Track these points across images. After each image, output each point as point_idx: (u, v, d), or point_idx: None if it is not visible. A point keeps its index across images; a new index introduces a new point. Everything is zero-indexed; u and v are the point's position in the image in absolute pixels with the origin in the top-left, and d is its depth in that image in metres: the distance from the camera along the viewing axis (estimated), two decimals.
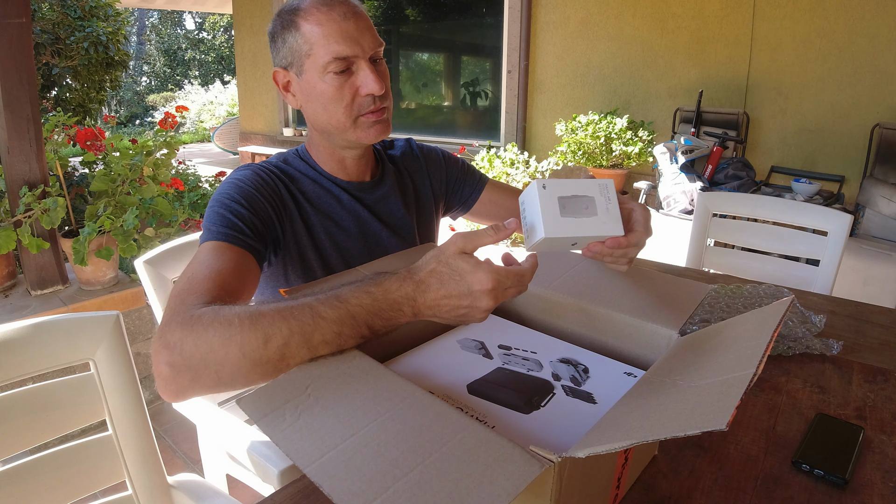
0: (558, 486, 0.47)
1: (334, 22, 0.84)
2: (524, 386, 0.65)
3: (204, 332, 0.60)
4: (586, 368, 0.69)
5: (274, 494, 0.67)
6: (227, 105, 11.38)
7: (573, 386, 0.65)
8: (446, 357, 0.71)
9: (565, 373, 0.68)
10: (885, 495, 0.66)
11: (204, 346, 0.60)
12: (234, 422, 1.01)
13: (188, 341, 0.60)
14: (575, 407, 0.61)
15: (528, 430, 0.58)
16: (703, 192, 1.73)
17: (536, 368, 0.69)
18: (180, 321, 0.62)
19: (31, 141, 1.89)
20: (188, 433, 1.97)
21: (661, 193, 3.10)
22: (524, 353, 0.73)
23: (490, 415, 0.60)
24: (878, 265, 2.36)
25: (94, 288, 2.07)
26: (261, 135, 6.73)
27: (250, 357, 0.59)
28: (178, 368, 0.60)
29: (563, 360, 0.71)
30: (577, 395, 0.64)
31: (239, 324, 0.60)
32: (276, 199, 0.89)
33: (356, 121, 0.89)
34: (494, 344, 0.74)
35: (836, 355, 1.00)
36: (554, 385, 0.66)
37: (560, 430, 0.57)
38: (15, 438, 0.76)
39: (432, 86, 5.79)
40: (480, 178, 1.18)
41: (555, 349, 0.74)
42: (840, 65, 3.14)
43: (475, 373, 0.68)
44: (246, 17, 6.44)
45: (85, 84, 6.23)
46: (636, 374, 0.68)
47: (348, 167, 0.98)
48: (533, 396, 0.63)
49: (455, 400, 0.62)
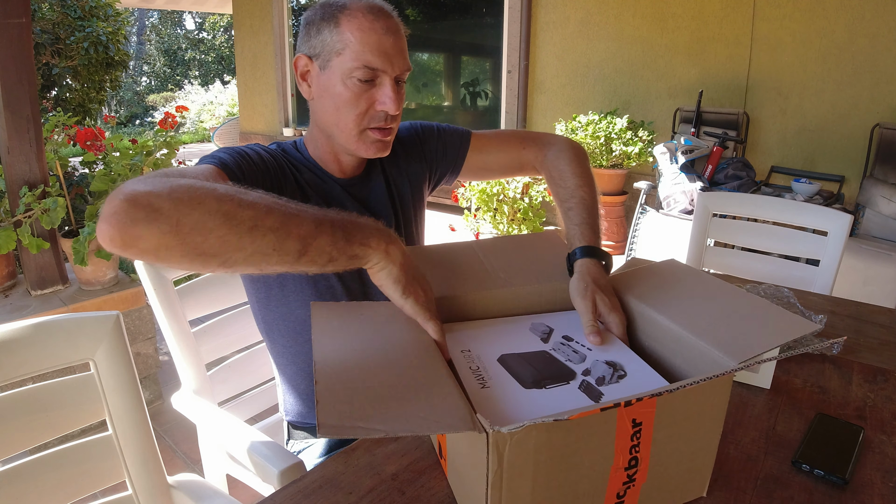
0: (497, 461, 0.49)
1: (375, 32, 0.84)
2: (547, 368, 0.65)
3: (174, 183, 0.56)
4: (624, 375, 0.66)
5: (274, 494, 0.67)
6: (227, 105, 11.38)
7: (594, 384, 0.64)
8: (509, 332, 0.74)
9: (599, 371, 0.66)
10: (885, 495, 0.66)
11: (174, 192, 0.55)
12: (234, 422, 1.01)
13: (156, 182, 0.55)
14: (574, 400, 0.61)
15: (509, 401, 0.59)
16: (703, 192, 1.73)
17: (576, 360, 0.68)
18: (149, 175, 0.59)
19: (31, 141, 1.89)
20: (188, 433, 1.97)
21: (661, 193, 3.10)
22: (579, 346, 0.71)
23: (493, 378, 0.62)
24: (878, 265, 2.36)
25: (94, 288, 2.07)
26: (261, 135, 6.72)
27: (221, 214, 0.55)
28: (131, 203, 0.53)
29: (609, 363, 0.68)
30: (589, 391, 0.62)
31: (222, 189, 0.58)
32: (278, 166, 0.91)
33: (363, 132, 0.90)
34: (561, 333, 0.74)
35: (836, 355, 1.00)
36: (576, 377, 0.64)
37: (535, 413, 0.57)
38: (15, 438, 0.76)
39: (432, 86, 5.79)
40: (463, 134, 1.11)
41: (613, 352, 0.70)
42: (840, 65, 3.14)
43: (519, 349, 0.70)
44: (246, 17, 6.43)
45: (85, 84, 6.23)
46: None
47: (344, 165, 0.99)
48: (546, 378, 0.63)
49: (482, 363, 0.65)
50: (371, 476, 0.69)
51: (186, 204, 0.54)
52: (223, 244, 0.55)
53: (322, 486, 0.68)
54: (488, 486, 0.51)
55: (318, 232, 0.60)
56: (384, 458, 0.73)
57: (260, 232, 0.57)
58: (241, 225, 0.56)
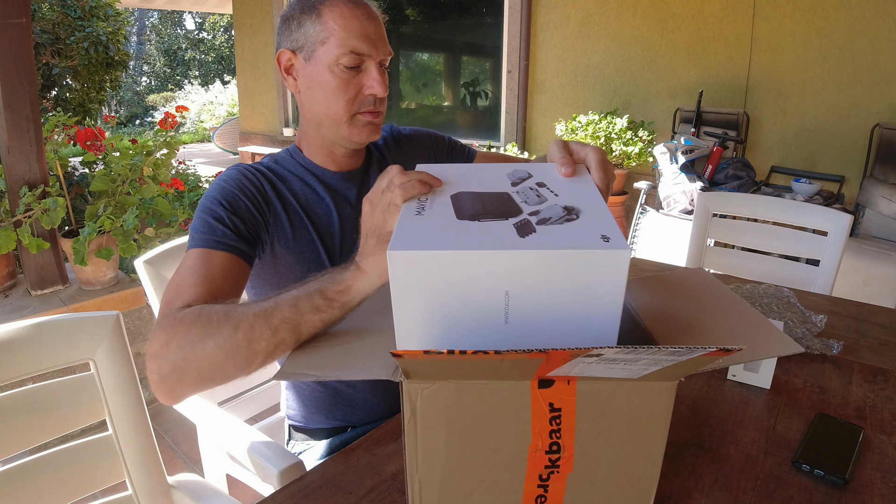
0: (410, 410, 0.51)
1: (357, 19, 0.86)
2: (494, 206, 0.57)
3: (186, 332, 0.65)
4: (574, 220, 0.53)
5: (274, 494, 0.67)
6: (227, 105, 11.38)
7: (533, 224, 0.53)
8: (485, 174, 0.65)
9: (548, 213, 0.55)
10: (885, 495, 0.66)
11: (186, 346, 0.64)
12: (234, 422, 1.01)
13: (172, 344, 0.65)
14: (501, 234, 0.51)
15: (433, 229, 0.52)
16: (703, 192, 1.73)
17: (533, 202, 0.57)
18: (164, 325, 0.67)
19: (31, 141, 1.89)
20: (188, 433, 1.97)
21: (661, 193, 3.10)
22: (546, 191, 0.60)
23: (432, 209, 0.56)
24: (878, 265, 2.36)
25: (94, 288, 2.07)
26: (261, 135, 6.72)
27: (223, 348, 0.63)
28: (163, 373, 0.65)
29: (566, 207, 0.56)
30: (521, 229, 0.52)
31: (217, 320, 0.65)
32: (260, 197, 0.90)
33: (353, 117, 0.90)
34: (537, 180, 0.63)
35: (836, 355, 1.00)
36: (520, 215, 0.55)
37: (453, 239, 0.50)
38: (15, 438, 0.76)
39: (432, 86, 5.79)
40: (469, 152, 1.18)
41: (581, 201, 0.57)
42: (840, 65, 3.14)
43: (481, 188, 0.61)
44: (246, 17, 6.43)
45: (85, 84, 6.23)
46: (611, 239, 0.50)
47: (338, 158, 0.98)
48: (485, 214, 0.55)
49: (434, 196, 0.59)
50: (371, 476, 0.69)
51: (198, 354, 0.64)
52: (236, 369, 0.65)
53: (322, 486, 0.68)
54: (404, 433, 0.53)
55: (296, 305, 0.64)
56: (384, 458, 0.73)
57: (257, 343, 0.64)
58: (240, 351, 0.64)
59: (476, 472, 0.55)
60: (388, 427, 0.79)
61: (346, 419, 1.03)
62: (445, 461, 0.54)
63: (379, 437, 0.77)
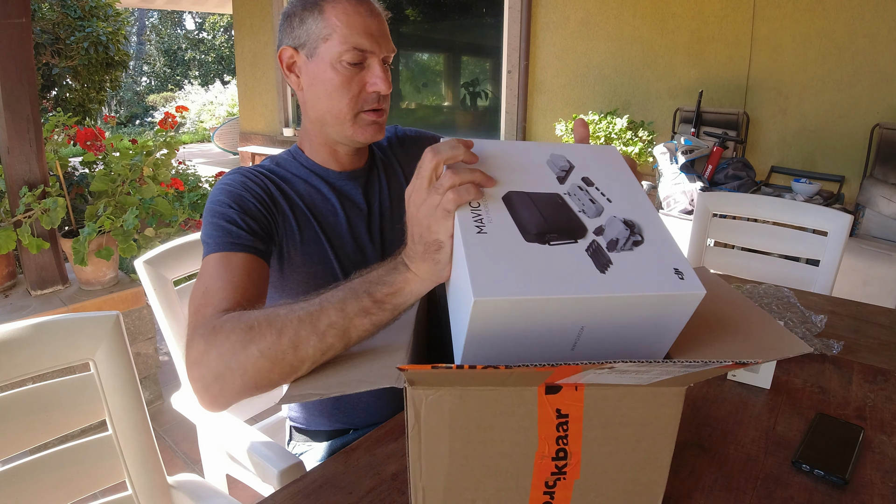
0: (415, 416, 0.51)
1: (360, 15, 0.85)
2: (555, 218, 0.56)
3: (226, 340, 0.62)
4: (640, 241, 0.55)
5: (274, 494, 0.67)
6: (227, 105, 11.38)
7: (604, 248, 0.54)
8: (524, 161, 0.62)
9: (613, 232, 0.55)
10: (885, 495, 0.66)
11: (227, 354, 0.62)
12: (234, 422, 1.00)
13: (212, 352, 0.62)
14: (579, 265, 0.52)
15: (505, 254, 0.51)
16: (703, 192, 1.73)
17: (591, 213, 0.57)
18: (202, 334, 0.64)
19: (31, 141, 1.89)
20: (188, 433, 1.97)
21: (661, 193, 3.10)
22: (599, 195, 0.60)
23: (493, 222, 0.53)
24: (878, 265, 2.36)
25: (94, 288, 2.07)
26: (261, 135, 6.72)
27: (268, 355, 0.60)
28: (206, 381, 0.63)
29: (627, 222, 0.57)
30: (597, 257, 0.53)
31: (257, 325, 0.62)
32: (267, 198, 0.89)
33: (356, 116, 0.89)
34: (581, 174, 0.62)
35: (836, 355, 1.00)
36: (586, 234, 0.55)
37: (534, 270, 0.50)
38: (15, 438, 0.76)
39: (432, 86, 5.79)
40: None
41: (634, 209, 0.59)
42: (840, 65, 3.13)
43: (530, 186, 0.59)
44: (246, 17, 6.43)
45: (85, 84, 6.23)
46: (684, 275, 0.53)
47: (341, 158, 0.98)
48: (552, 232, 0.54)
49: (485, 199, 0.56)
50: (371, 476, 0.69)
51: (241, 362, 0.61)
52: (282, 376, 0.61)
53: (322, 486, 0.68)
54: (408, 439, 0.52)
55: (343, 309, 0.60)
56: (384, 458, 0.73)
57: (303, 350, 0.60)
58: (285, 358, 0.60)
59: (481, 479, 0.55)
60: (388, 427, 0.79)
61: (347, 422, 1.03)
62: (449, 468, 0.53)
63: (379, 437, 0.77)
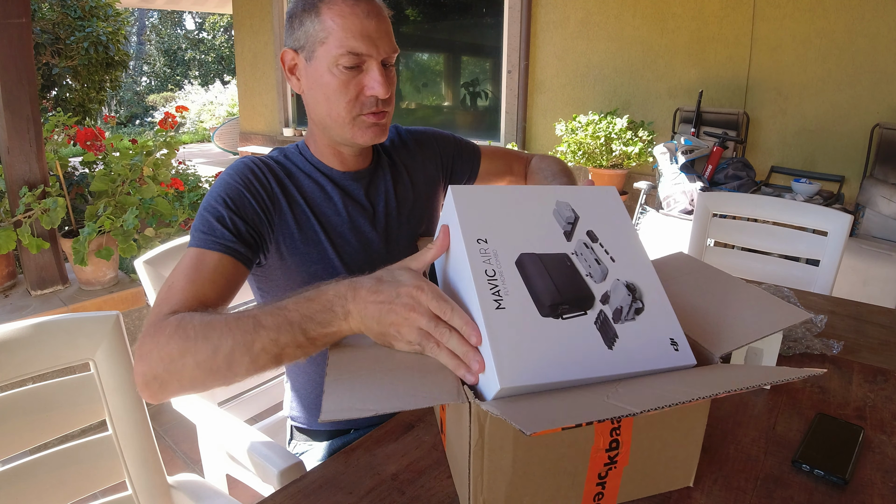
0: (478, 432, 0.51)
1: (356, 17, 0.84)
2: (566, 286, 0.61)
3: (166, 345, 0.66)
4: (641, 309, 0.62)
5: (274, 494, 0.67)
6: (227, 105, 11.38)
7: (610, 319, 0.60)
8: (531, 215, 0.67)
9: (617, 300, 0.62)
10: (885, 495, 0.66)
11: (166, 359, 0.66)
12: (234, 422, 1.00)
13: (154, 354, 0.67)
14: (589, 341, 0.58)
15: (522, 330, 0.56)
16: (703, 192, 1.73)
17: (597, 277, 0.63)
18: (152, 333, 0.68)
19: (31, 141, 1.89)
20: (188, 433, 1.97)
21: (661, 193, 3.10)
22: (604, 253, 0.66)
23: (510, 295, 0.58)
24: (878, 265, 2.36)
25: (94, 288, 2.07)
26: (261, 135, 6.72)
27: (203, 367, 0.65)
28: (147, 378, 0.67)
29: (629, 287, 0.64)
30: (604, 330, 0.59)
31: (194, 336, 0.65)
32: (266, 196, 0.89)
33: (355, 119, 0.89)
34: (586, 227, 0.68)
35: (836, 355, 1.00)
36: (594, 304, 0.61)
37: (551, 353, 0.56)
38: (15, 438, 0.76)
39: (432, 86, 5.79)
40: (474, 149, 1.19)
41: (636, 269, 0.66)
42: (840, 65, 3.13)
43: (540, 245, 0.64)
44: (246, 17, 6.43)
45: (85, 84, 6.23)
46: (680, 347, 0.61)
47: (345, 158, 0.97)
48: (563, 304, 0.59)
49: (499, 265, 0.61)
50: (371, 476, 0.69)
51: (178, 368, 0.65)
52: (217, 384, 0.67)
53: (322, 486, 0.68)
54: (470, 456, 0.53)
55: (277, 340, 0.63)
56: (384, 458, 0.73)
57: (237, 367, 0.64)
58: (219, 372, 0.65)
59: (540, 482, 0.56)
60: (388, 427, 0.79)
61: (348, 421, 1.03)
62: (511, 478, 0.55)
63: (379, 437, 0.77)
